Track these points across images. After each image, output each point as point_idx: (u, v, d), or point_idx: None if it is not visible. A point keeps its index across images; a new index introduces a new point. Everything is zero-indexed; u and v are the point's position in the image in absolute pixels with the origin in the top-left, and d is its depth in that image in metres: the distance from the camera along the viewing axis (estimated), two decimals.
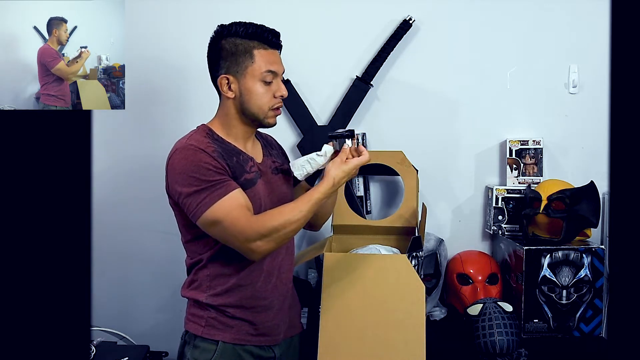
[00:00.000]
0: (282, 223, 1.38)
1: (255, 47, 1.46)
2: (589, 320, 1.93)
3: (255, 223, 1.38)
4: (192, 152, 1.40)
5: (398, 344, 1.53)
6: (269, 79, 1.47)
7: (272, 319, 1.52)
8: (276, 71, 1.48)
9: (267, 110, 1.48)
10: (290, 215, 1.39)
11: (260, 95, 1.47)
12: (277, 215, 1.40)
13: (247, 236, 1.37)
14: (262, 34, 1.46)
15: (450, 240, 2.21)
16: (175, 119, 2.18)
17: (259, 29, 1.46)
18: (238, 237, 1.38)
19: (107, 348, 1.99)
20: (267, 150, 1.61)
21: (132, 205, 2.23)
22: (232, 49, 1.46)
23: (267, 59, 1.47)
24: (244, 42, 1.45)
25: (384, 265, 1.59)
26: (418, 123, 2.21)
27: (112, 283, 2.22)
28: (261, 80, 1.46)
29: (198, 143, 1.42)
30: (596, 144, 2.17)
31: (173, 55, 2.18)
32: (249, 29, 1.45)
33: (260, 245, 1.38)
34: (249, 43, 1.45)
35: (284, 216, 1.39)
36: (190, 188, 1.38)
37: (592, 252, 1.91)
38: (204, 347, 1.48)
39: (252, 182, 1.46)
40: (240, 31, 1.45)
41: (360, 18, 2.18)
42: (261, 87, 1.47)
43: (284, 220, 1.39)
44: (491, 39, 2.19)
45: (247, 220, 1.37)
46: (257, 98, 1.47)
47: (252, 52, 1.45)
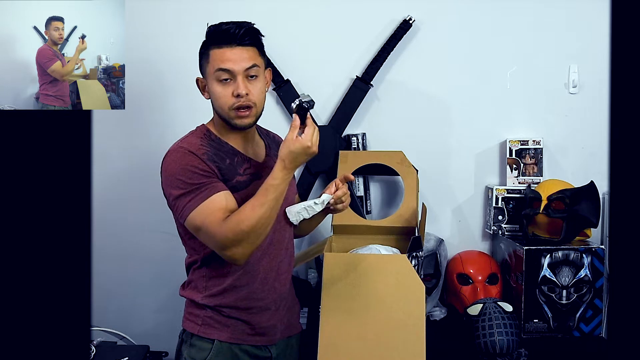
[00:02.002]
0: (247, 225, 1.33)
1: (211, 46, 1.43)
2: (589, 320, 1.93)
3: (224, 230, 1.34)
4: (182, 155, 1.40)
5: (398, 344, 1.53)
6: (224, 77, 1.41)
7: (268, 319, 1.52)
8: (229, 69, 1.40)
9: (227, 110, 1.43)
10: (254, 214, 1.34)
11: (218, 96, 1.43)
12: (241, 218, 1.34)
13: (220, 244, 1.35)
14: (216, 31, 1.42)
15: (450, 240, 2.21)
16: (175, 119, 2.18)
17: (216, 27, 1.42)
18: (215, 245, 1.38)
19: (107, 348, 1.99)
20: (272, 150, 1.59)
21: (132, 205, 2.23)
22: (200, 51, 1.46)
23: (221, 57, 1.41)
24: (205, 42, 1.44)
25: (384, 265, 1.59)
26: (418, 123, 2.21)
27: (112, 283, 2.22)
28: (216, 79, 1.42)
29: (189, 145, 1.42)
30: (596, 144, 2.17)
31: (173, 55, 2.18)
32: (210, 28, 1.43)
33: (237, 252, 1.35)
34: (208, 43, 1.44)
35: (248, 217, 1.34)
36: (178, 191, 1.38)
37: (592, 252, 1.91)
38: (200, 345, 1.48)
39: (244, 184, 1.45)
40: (207, 32, 1.44)
41: (360, 18, 2.18)
42: (218, 87, 1.42)
43: (249, 221, 1.33)
44: (491, 38, 2.19)
45: (218, 228, 1.34)
46: (215, 99, 1.44)
47: (209, 52, 1.43)
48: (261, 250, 1.47)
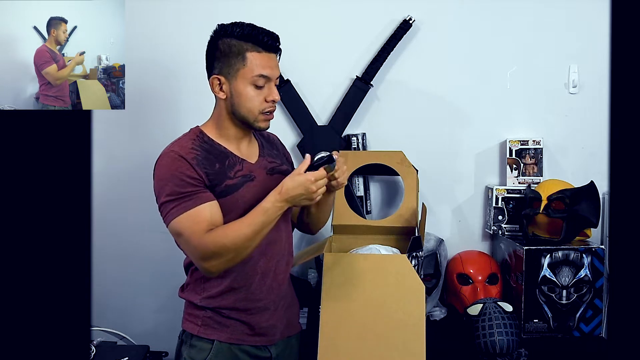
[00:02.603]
0: (231, 241, 1.35)
1: (249, 49, 1.43)
2: (589, 320, 1.93)
3: (206, 241, 1.35)
4: (171, 160, 1.41)
5: (398, 344, 1.53)
6: (261, 83, 1.44)
7: (267, 319, 1.52)
8: (269, 75, 1.45)
9: (257, 114, 1.46)
10: (239, 232, 1.36)
11: (250, 99, 1.45)
12: (227, 232, 1.36)
13: (200, 254, 1.37)
14: (257, 35, 1.43)
15: (450, 240, 2.21)
16: (175, 119, 2.18)
17: (254, 30, 1.43)
18: (193, 253, 1.39)
19: (107, 348, 1.99)
20: (265, 150, 1.59)
21: (132, 205, 2.23)
22: (225, 50, 1.44)
23: (260, 62, 1.43)
24: (239, 43, 1.43)
25: (384, 265, 1.59)
26: (418, 123, 2.21)
27: (112, 283, 2.22)
28: (252, 83, 1.44)
29: (180, 149, 1.43)
30: (596, 144, 2.17)
31: (173, 55, 2.18)
32: (244, 29, 1.43)
33: (214, 265, 1.38)
34: (243, 45, 1.43)
35: (232, 233, 1.36)
36: (165, 197, 1.40)
37: (592, 252, 1.91)
38: (200, 346, 1.48)
39: (235, 188, 1.45)
40: (236, 32, 1.43)
41: (360, 18, 2.18)
42: (252, 91, 1.44)
43: (232, 237, 1.35)
44: (491, 38, 2.19)
45: (199, 238, 1.36)
46: (246, 101, 1.45)
47: (245, 54, 1.43)
48: (259, 251, 1.47)
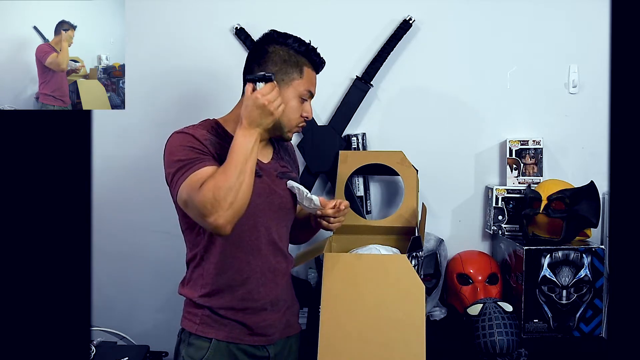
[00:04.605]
0: (222, 184, 1.30)
1: (305, 64, 1.52)
2: (589, 320, 1.93)
3: (202, 193, 1.30)
4: (182, 136, 1.42)
5: (398, 344, 1.53)
6: (306, 98, 1.53)
7: (265, 320, 1.52)
8: (313, 93, 1.56)
9: (293, 125, 1.53)
10: (226, 174, 1.31)
11: (294, 110, 1.51)
12: (216, 178, 1.31)
13: (201, 210, 1.31)
14: (313, 54, 1.53)
15: (450, 240, 2.21)
16: (175, 119, 2.17)
17: (312, 49, 1.53)
18: (197, 214, 1.34)
19: (107, 348, 1.99)
20: (279, 154, 1.61)
21: (133, 205, 2.23)
22: (284, 57, 1.49)
23: (311, 79, 1.54)
24: (297, 55, 1.51)
25: (384, 265, 1.59)
26: (418, 123, 2.21)
27: (112, 283, 2.22)
28: (300, 96, 1.51)
29: (194, 131, 1.44)
30: (596, 144, 2.17)
31: (173, 55, 2.18)
32: (302, 45, 1.52)
33: (220, 216, 1.30)
34: (301, 58, 1.51)
35: (220, 176, 1.31)
36: (173, 169, 1.38)
37: (592, 252, 1.91)
38: (197, 344, 1.48)
39: None
40: (295, 45, 1.51)
41: (360, 18, 2.18)
42: (297, 103, 1.51)
43: (222, 180, 1.30)
44: (491, 39, 2.19)
45: (196, 194, 1.31)
46: (289, 111, 1.49)
47: (303, 67, 1.51)
48: (256, 250, 1.48)
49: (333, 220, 1.58)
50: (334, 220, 1.58)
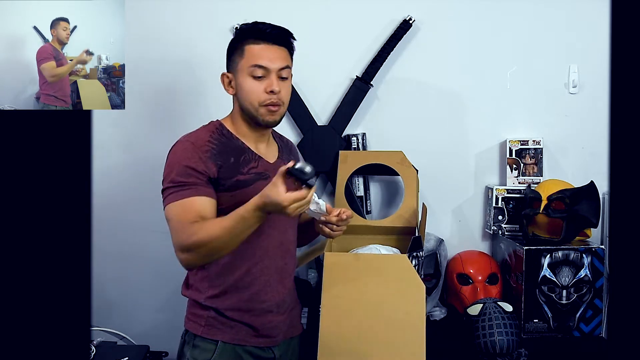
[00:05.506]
0: (204, 238, 1.32)
1: (248, 42, 1.46)
2: (589, 320, 1.93)
3: (187, 232, 1.34)
4: (184, 148, 1.43)
5: (398, 344, 1.53)
6: (259, 74, 1.44)
7: (270, 321, 1.52)
8: (265, 65, 1.44)
9: (257, 106, 1.46)
10: (212, 231, 1.32)
11: (249, 91, 1.45)
12: (202, 229, 1.33)
13: (176, 244, 1.37)
14: (255, 27, 1.45)
15: (450, 240, 2.21)
16: (175, 118, 2.18)
17: (255, 24, 1.47)
18: (174, 242, 1.38)
19: (107, 348, 1.98)
20: (284, 154, 1.61)
21: (132, 205, 2.23)
22: (230, 47, 1.49)
23: (258, 53, 1.44)
24: (239, 38, 1.47)
25: (384, 265, 1.59)
26: (418, 123, 2.21)
27: (112, 283, 2.22)
28: (250, 75, 1.44)
29: (196, 139, 1.44)
30: (596, 144, 2.17)
31: (173, 55, 2.18)
32: (246, 26, 1.48)
33: (184, 258, 1.36)
34: (243, 39, 1.47)
35: (206, 232, 1.32)
36: (167, 182, 1.41)
37: (592, 252, 1.91)
38: (203, 346, 1.48)
39: (246, 183, 1.45)
40: (241, 29, 1.48)
41: (360, 18, 2.18)
42: (250, 82, 1.45)
43: (206, 235, 1.32)
44: (491, 38, 2.19)
45: (182, 228, 1.35)
46: (246, 93, 1.46)
47: (244, 47, 1.46)
48: (264, 251, 1.48)
49: (336, 229, 1.54)
50: (336, 228, 1.54)
